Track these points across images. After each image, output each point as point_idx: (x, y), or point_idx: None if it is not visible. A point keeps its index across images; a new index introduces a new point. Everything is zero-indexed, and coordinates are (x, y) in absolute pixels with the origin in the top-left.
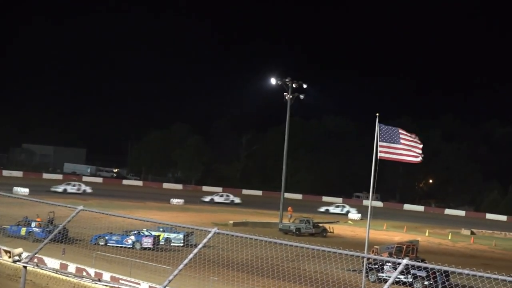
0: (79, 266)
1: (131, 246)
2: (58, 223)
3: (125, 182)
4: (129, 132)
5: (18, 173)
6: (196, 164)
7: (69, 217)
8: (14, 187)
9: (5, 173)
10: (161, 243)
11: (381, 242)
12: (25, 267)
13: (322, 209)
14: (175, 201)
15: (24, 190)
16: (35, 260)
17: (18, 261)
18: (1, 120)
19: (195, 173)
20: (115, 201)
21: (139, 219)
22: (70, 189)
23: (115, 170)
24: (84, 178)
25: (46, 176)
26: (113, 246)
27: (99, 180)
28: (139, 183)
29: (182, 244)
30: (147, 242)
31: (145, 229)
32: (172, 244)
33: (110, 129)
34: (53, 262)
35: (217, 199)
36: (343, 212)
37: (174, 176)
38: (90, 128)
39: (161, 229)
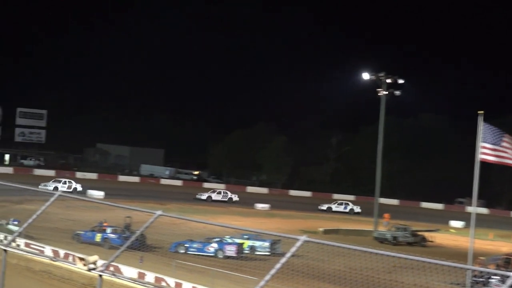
0: (158, 275)
1: (213, 254)
2: (135, 229)
3: (206, 185)
4: (210, 131)
5: (92, 175)
6: (282, 167)
7: (147, 222)
8: (88, 190)
9: (79, 175)
10: (245, 251)
11: (486, 253)
12: (100, 275)
13: (324, 207)
14: (260, 206)
15: (99, 194)
16: (111, 268)
17: (93, 269)
18: (75, 119)
19: (281, 176)
20: (196, 206)
21: (221, 225)
22: (61, 187)
23: (196, 173)
24: (162, 181)
25: (122, 178)
26: (193, 254)
27: (179, 183)
28: (221, 186)
29: (268, 253)
30: (230, 250)
31: (228, 236)
32: (257, 253)
33: (190, 128)
34: (130, 271)
35: (214, 196)
36: (347, 210)
37: (259, 179)
38: (169, 128)
39: (245, 237)
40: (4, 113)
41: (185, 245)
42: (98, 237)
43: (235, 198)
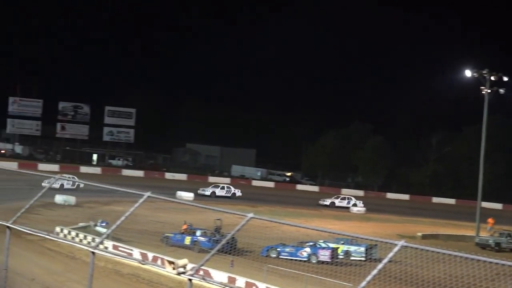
0: (248, 280)
1: (306, 259)
2: (226, 232)
3: (299, 187)
4: (304, 131)
5: (182, 176)
6: (378, 168)
7: (238, 225)
8: (178, 191)
9: (168, 175)
10: (339, 256)
11: None
12: (190, 280)
13: (327, 202)
14: (355, 209)
15: (189, 195)
16: (201, 272)
17: (183, 273)
18: (164, 118)
19: (378, 178)
20: (288, 208)
21: (315, 228)
22: (66, 184)
23: (288, 174)
24: (254, 182)
25: (212, 179)
26: (286, 258)
27: (271, 184)
28: (315, 188)
29: (363, 258)
30: (324, 255)
31: (321, 241)
32: (352, 258)
33: (283, 128)
34: (220, 275)
35: (218, 192)
36: (349, 205)
37: (354, 181)
38: (261, 128)
39: (341, 242)
40: (92, 111)
41: (277, 249)
42: (188, 240)
43: (238, 193)
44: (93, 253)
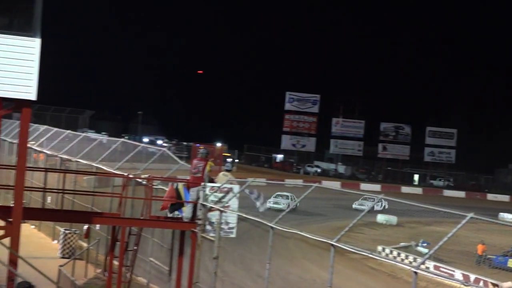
0: None
1: None
2: None
3: None
4: None
5: (504, 197)
6: None
7: None
8: (500, 213)
9: (490, 196)
10: None
11: None
12: None
13: (366, 205)
14: None
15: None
16: None
17: None
18: (487, 138)
19: None
20: None
21: None
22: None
23: None
24: None
25: None
26: None
27: None
28: None
29: None
30: None
31: None
32: None
33: None
34: None
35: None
36: (381, 209)
37: None
38: None
39: None
40: (414, 132)
41: None
42: (511, 262)
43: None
44: (415, 273)
